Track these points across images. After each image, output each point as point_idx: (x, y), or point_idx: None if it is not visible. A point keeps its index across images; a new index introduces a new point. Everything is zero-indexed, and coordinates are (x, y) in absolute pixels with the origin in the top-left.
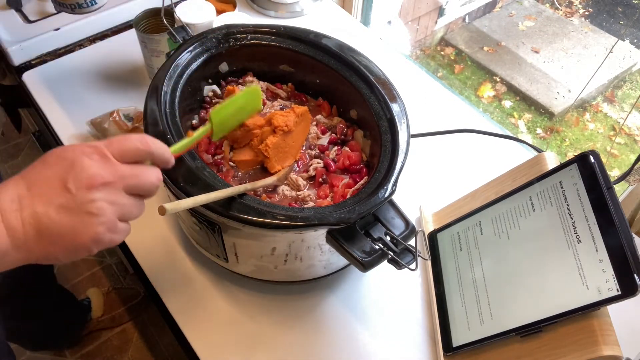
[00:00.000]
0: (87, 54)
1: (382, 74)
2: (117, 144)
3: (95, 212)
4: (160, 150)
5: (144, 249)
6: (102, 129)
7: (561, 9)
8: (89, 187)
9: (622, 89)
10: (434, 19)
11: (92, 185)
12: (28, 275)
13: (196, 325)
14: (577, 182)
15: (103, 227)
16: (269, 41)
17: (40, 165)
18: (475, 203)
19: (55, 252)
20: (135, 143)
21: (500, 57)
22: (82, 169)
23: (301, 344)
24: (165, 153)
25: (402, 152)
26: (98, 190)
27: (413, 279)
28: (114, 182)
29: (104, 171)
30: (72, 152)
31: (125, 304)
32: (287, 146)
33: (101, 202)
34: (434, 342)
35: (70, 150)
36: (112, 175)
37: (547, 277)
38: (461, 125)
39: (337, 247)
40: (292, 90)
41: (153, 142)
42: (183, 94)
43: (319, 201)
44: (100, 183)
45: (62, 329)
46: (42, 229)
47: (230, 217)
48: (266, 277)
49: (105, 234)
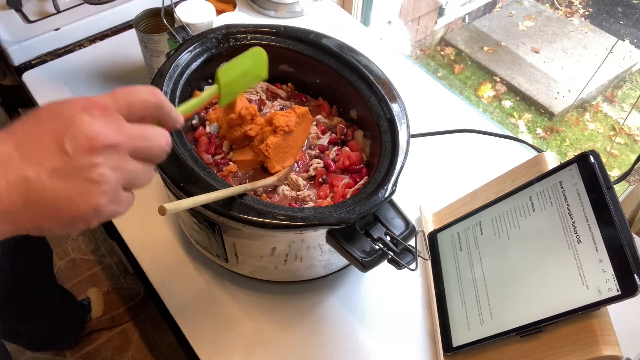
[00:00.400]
0: (87, 54)
1: (382, 74)
2: (123, 96)
3: (97, 178)
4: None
5: (144, 249)
6: None
7: (561, 9)
8: (90, 149)
9: (622, 89)
10: (434, 19)
11: (94, 146)
12: (28, 275)
13: (196, 325)
14: (577, 182)
15: (105, 197)
16: (269, 41)
17: (32, 121)
18: (475, 203)
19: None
20: (145, 95)
21: (500, 57)
22: (82, 127)
23: (301, 344)
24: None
25: (402, 152)
26: (100, 153)
27: (413, 279)
28: (120, 143)
29: (107, 130)
30: (71, 106)
31: (125, 304)
32: (287, 146)
33: (104, 168)
34: (433, 342)
35: (68, 104)
36: (117, 135)
37: (547, 277)
38: (461, 125)
39: (337, 247)
40: (292, 90)
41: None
42: (183, 94)
43: (319, 201)
44: (103, 145)
45: (62, 329)
46: (32, 197)
47: (230, 217)
48: (266, 277)
49: (106, 205)
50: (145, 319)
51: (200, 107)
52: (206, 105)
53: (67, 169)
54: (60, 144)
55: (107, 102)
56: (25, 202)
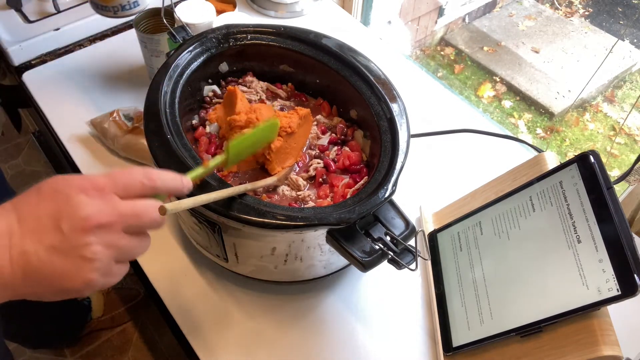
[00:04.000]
0: (87, 54)
1: (382, 74)
2: (119, 179)
3: (90, 256)
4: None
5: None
6: (102, 129)
7: (561, 9)
8: (84, 230)
9: (622, 89)
10: (434, 19)
11: (87, 227)
12: None
13: (196, 325)
14: (577, 182)
15: (97, 272)
16: (269, 41)
17: (34, 197)
18: (475, 203)
19: (44, 293)
20: (140, 178)
21: (500, 57)
22: (77, 208)
23: (301, 344)
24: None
25: (402, 152)
26: (93, 233)
27: (413, 279)
28: (112, 223)
29: (101, 211)
30: (69, 186)
31: (125, 304)
32: (288, 147)
33: (96, 246)
34: (434, 342)
35: (66, 183)
36: (110, 215)
37: (547, 277)
38: (461, 125)
39: (337, 247)
40: (292, 90)
41: (159, 177)
42: (183, 94)
43: (319, 201)
44: (96, 225)
45: (63, 329)
46: (30, 270)
47: (230, 217)
48: (266, 277)
49: (99, 279)
50: (145, 319)
51: (209, 173)
52: (206, 106)
53: (63, 246)
54: (57, 223)
55: (104, 184)
56: (24, 274)
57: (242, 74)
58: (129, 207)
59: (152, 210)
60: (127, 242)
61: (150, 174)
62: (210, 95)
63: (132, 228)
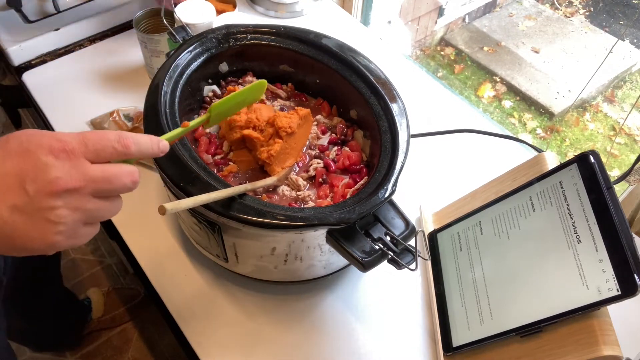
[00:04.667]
0: (87, 54)
1: (382, 74)
2: (92, 141)
3: (54, 220)
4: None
5: (144, 249)
6: (102, 129)
7: (561, 9)
8: (50, 193)
9: (622, 89)
10: (434, 19)
11: (54, 190)
12: (34, 274)
13: (196, 325)
14: (577, 182)
15: (61, 235)
16: (269, 41)
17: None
18: (475, 203)
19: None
20: (113, 143)
21: (500, 57)
22: (44, 170)
23: (301, 344)
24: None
25: (402, 152)
26: (60, 196)
27: (413, 279)
28: (80, 187)
29: (69, 175)
30: (38, 145)
31: (125, 304)
32: (288, 147)
33: (62, 210)
34: (433, 342)
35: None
36: (78, 180)
37: (547, 277)
38: (461, 125)
39: (337, 247)
40: (292, 90)
41: (134, 142)
42: (183, 94)
43: (319, 201)
44: (63, 189)
45: (64, 329)
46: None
47: (230, 217)
48: (266, 277)
49: (63, 242)
50: (145, 319)
51: (186, 134)
52: (206, 106)
53: (26, 208)
54: (22, 182)
55: (74, 146)
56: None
57: (242, 74)
58: (98, 172)
59: (123, 175)
60: (96, 205)
61: (125, 139)
62: (210, 95)
63: (101, 192)
